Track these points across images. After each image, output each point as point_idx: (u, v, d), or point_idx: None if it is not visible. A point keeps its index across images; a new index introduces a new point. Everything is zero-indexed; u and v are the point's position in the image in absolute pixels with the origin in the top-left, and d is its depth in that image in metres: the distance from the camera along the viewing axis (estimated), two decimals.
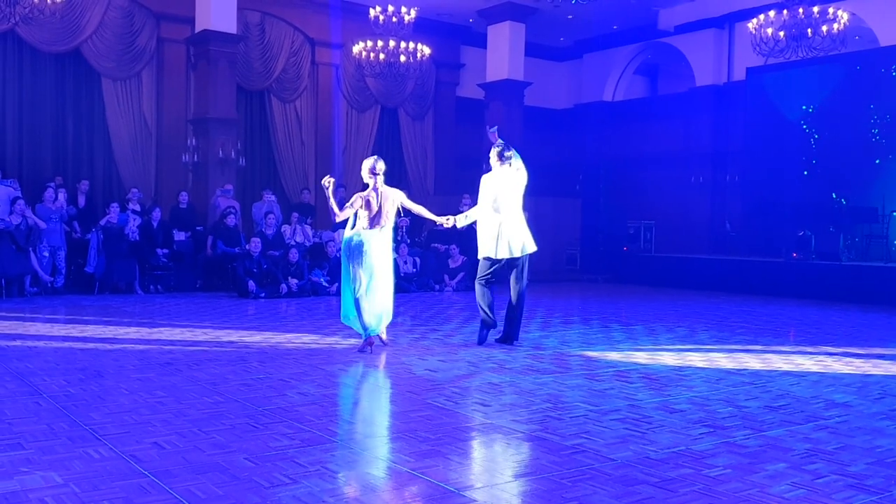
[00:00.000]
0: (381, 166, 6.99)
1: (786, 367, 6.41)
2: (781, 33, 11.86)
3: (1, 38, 12.76)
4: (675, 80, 18.40)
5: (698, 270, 14.71)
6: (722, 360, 6.73)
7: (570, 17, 16.99)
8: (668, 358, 6.78)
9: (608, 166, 18.49)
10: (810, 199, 14.68)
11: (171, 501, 3.12)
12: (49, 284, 10.99)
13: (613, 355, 6.88)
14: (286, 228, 13.09)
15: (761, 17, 12.23)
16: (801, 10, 11.68)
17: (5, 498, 3.10)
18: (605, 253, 16.69)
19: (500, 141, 7.49)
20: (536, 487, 3.38)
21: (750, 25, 12.48)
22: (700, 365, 6.46)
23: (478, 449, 3.91)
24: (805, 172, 14.97)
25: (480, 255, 7.49)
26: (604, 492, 3.34)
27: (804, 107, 15.14)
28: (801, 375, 6.09)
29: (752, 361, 6.67)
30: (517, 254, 7.25)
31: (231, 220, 12.58)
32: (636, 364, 6.47)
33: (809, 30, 11.63)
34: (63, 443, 3.87)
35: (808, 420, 4.65)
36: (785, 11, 11.86)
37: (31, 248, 10.70)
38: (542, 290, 13.56)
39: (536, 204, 15.90)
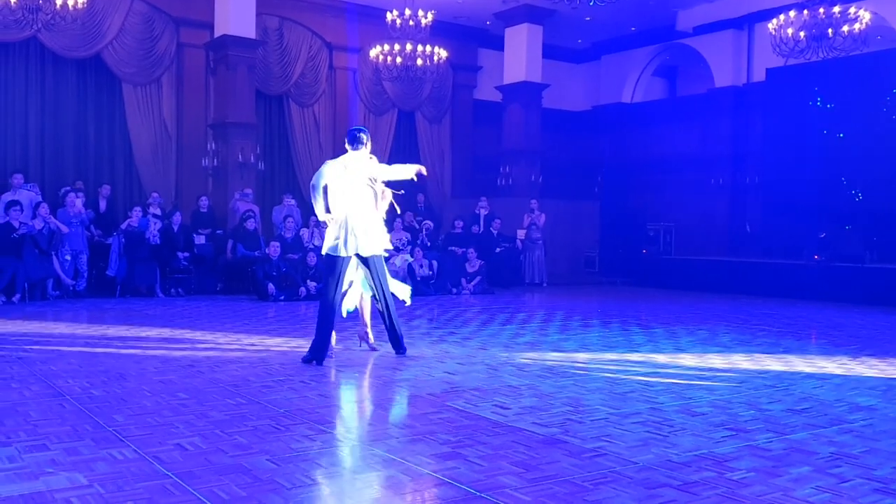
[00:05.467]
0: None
1: (808, 370, 6.35)
2: (802, 34, 11.77)
3: (23, 45, 12.90)
4: (694, 82, 18.31)
5: (718, 273, 14.62)
6: (743, 362, 6.69)
7: (587, 18, 16.95)
8: (689, 360, 6.74)
9: (627, 168, 18.43)
10: (832, 200, 14.55)
11: (195, 502, 3.14)
12: (71, 288, 11.09)
13: (634, 358, 6.85)
14: (305, 232, 13.15)
15: (781, 17, 12.14)
16: (821, 10, 11.58)
17: (32, 498, 3.14)
18: (623, 256, 16.62)
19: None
20: (558, 490, 3.37)
21: (770, 26, 12.39)
22: (721, 367, 6.42)
23: (498, 451, 3.90)
24: (826, 174, 14.84)
25: (323, 252, 6.66)
26: (626, 495, 3.33)
27: (826, 106, 15.01)
28: (824, 378, 6.04)
29: (773, 364, 6.62)
30: (365, 252, 6.46)
31: (251, 224, 12.65)
32: (657, 367, 6.43)
33: (830, 30, 11.53)
34: (87, 444, 3.91)
35: (831, 423, 4.61)
36: (805, 11, 11.77)
37: (53, 252, 10.81)
38: (560, 293, 13.54)
39: (554, 207, 15.91)
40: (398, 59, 14.08)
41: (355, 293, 6.96)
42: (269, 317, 9.61)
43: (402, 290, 7.06)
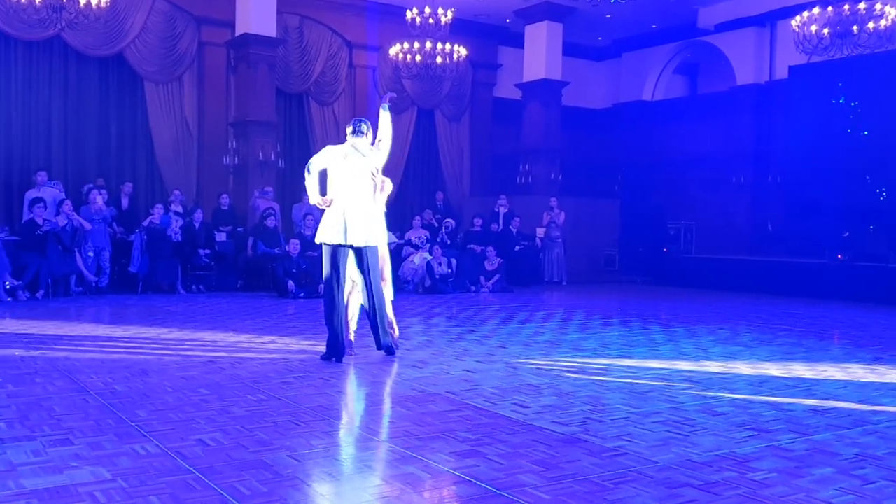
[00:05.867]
0: None
1: (831, 371, 6.29)
2: (826, 31, 11.65)
3: (47, 44, 13.03)
4: (716, 80, 18.17)
5: (739, 272, 14.51)
6: (765, 362, 6.63)
7: (608, 16, 16.87)
8: (709, 360, 6.70)
9: (647, 167, 18.32)
10: (855, 199, 14.38)
11: (216, 497, 3.16)
12: (94, 284, 11.20)
13: (654, 357, 6.82)
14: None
15: (805, 14, 12.03)
16: (846, 7, 11.46)
17: (56, 492, 3.17)
18: (644, 254, 16.52)
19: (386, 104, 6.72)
20: (578, 489, 3.36)
21: (793, 23, 12.28)
22: (743, 367, 6.38)
23: (518, 449, 3.90)
24: (850, 172, 14.67)
25: (317, 240, 6.51)
26: (646, 494, 3.31)
27: (850, 104, 14.85)
28: (848, 379, 5.98)
29: (796, 364, 6.57)
30: (357, 243, 6.24)
31: (271, 222, 12.72)
32: (677, 366, 6.40)
33: (855, 27, 11.41)
34: (110, 439, 3.95)
35: (855, 424, 4.56)
36: (830, 8, 11.65)
37: (76, 249, 10.91)
38: (580, 292, 13.49)
39: (575, 205, 15.85)
40: (418, 58, 14.10)
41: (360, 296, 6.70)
42: (288, 314, 9.65)
43: (388, 291, 6.89)
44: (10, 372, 5.59)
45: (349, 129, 6.49)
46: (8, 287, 10.07)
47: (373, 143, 6.53)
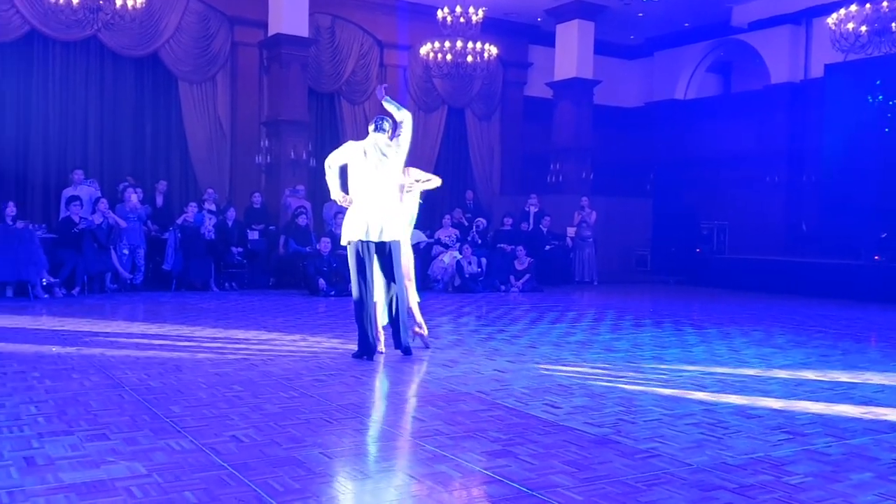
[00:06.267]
0: None
1: (868, 374, 6.19)
2: (863, 28, 11.46)
3: (84, 44, 13.23)
4: (749, 78, 17.96)
5: (773, 273, 14.32)
6: (800, 364, 6.54)
7: (640, 14, 16.75)
8: (743, 362, 6.62)
9: (680, 166, 18.17)
10: (893, 199, 14.14)
11: (250, 493, 3.19)
12: (128, 281, 11.35)
13: (687, 359, 6.76)
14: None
15: (841, 11, 11.83)
16: (884, 4, 11.26)
17: (94, 486, 3.22)
18: (676, 254, 16.37)
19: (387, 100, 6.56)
20: (610, 490, 3.34)
21: (829, 21, 12.10)
22: (777, 369, 6.29)
23: (549, 450, 3.88)
24: (887, 172, 14.42)
25: (342, 241, 6.53)
26: (679, 496, 3.29)
27: (888, 103, 14.59)
28: (886, 383, 5.88)
29: (831, 366, 6.47)
30: (378, 238, 6.25)
31: (302, 220, 12.80)
32: (710, 367, 6.33)
33: (894, 24, 11.20)
34: (146, 434, 4.00)
35: (894, 429, 4.48)
36: (867, 5, 11.45)
37: (111, 247, 11.07)
38: (611, 292, 13.41)
39: (606, 204, 15.76)
40: (448, 57, 14.10)
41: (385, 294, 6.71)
42: (319, 311, 9.70)
43: (413, 292, 6.91)
44: (48, 367, 5.68)
45: (371, 126, 6.50)
46: (45, 284, 10.24)
47: (392, 138, 6.48)
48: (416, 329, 7.01)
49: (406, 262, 6.74)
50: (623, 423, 4.44)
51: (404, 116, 6.52)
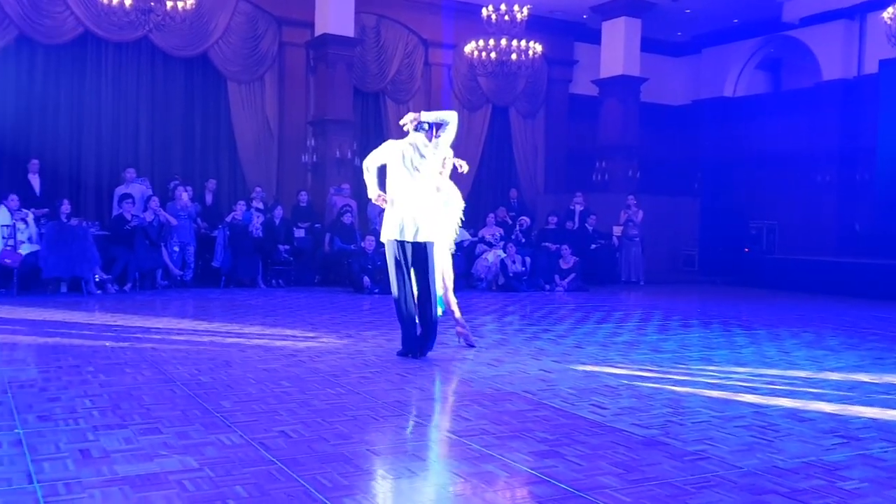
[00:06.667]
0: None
1: None
2: None
3: (136, 45, 13.49)
4: (800, 75, 17.61)
5: (825, 274, 14.02)
6: (853, 367, 6.40)
7: (687, 11, 16.54)
8: (794, 364, 6.50)
9: (728, 164, 17.90)
10: None
11: (299, 489, 3.23)
12: (179, 278, 11.56)
13: (736, 360, 6.66)
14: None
15: None
16: None
17: (147, 479, 3.29)
18: (724, 254, 16.13)
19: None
20: (659, 492, 3.31)
21: (884, 15, 11.83)
22: (829, 372, 6.17)
23: (597, 451, 3.86)
24: None
25: (381, 238, 6.51)
26: (730, 500, 3.24)
27: None
28: None
29: (886, 370, 6.31)
30: (413, 238, 6.18)
31: (347, 219, 12.90)
32: (760, 369, 6.23)
33: None
34: (196, 428, 4.07)
35: None
36: None
37: (162, 244, 11.29)
38: (658, 292, 13.27)
39: (653, 203, 15.60)
40: (493, 55, 14.07)
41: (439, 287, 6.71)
42: (364, 309, 9.77)
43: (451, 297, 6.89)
44: (102, 362, 5.82)
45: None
46: (98, 280, 10.48)
47: (430, 138, 6.42)
48: (459, 329, 7.01)
49: (444, 262, 6.73)
50: (671, 425, 4.40)
51: (450, 117, 6.49)
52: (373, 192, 6.45)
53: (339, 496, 3.16)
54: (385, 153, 6.39)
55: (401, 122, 6.49)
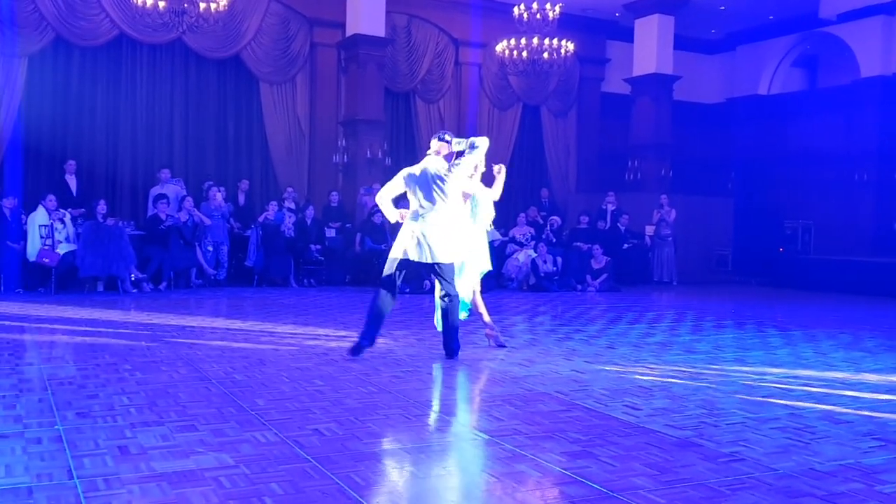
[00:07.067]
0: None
1: None
2: None
3: (169, 47, 13.67)
4: (837, 72, 17.33)
5: (862, 274, 13.79)
6: (891, 369, 6.29)
7: (722, 8, 16.36)
8: (830, 365, 6.41)
9: (762, 163, 17.67)
10: None
11: (333, 486, 3.25)
12: (212, 277, 11.69)
13: (771, 361, 6.58)
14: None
15: None
16: None
17: (184, 475, 3.33)
18: (758, 254, 15.94)
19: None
20: (693, 494, 3.28)
21: None
22: (867, 373, 6.07)
23: (630, 452, 3.84)
24: None
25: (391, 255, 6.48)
26: (765, 502, 3.21)
27: None
28: None
29: None
30: (420, 258, 6.15)
31: (378, 218, 12.92)
32: (796, 370, 6.15)
33: None
34: (232, 426, 4.12)
35: None
36: None
37: (196, 243, 11.42)
38: (691, 293, 13.15)
39: (686, 203, 15.47)
40: (524, 54, 14.02)
41: (467, 287, 6.74)
42: (394, 308, 9.75)
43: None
44: (138, 360, 5.90)
45: (431, 149, 6.27)
46: (133, 279, 10.63)
47: (451, 160, 6.26)
48: (488, 332, 7.00)
49: (474, 274, 6.68)
50: (705, 426, 4.36)
51: (480, 142, 6.38)
52: (393, 215, 6.34)
53: (372, 494, 3.18)
54: (397, 186, 6.26)
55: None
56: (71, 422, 4.13)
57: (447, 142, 6.26)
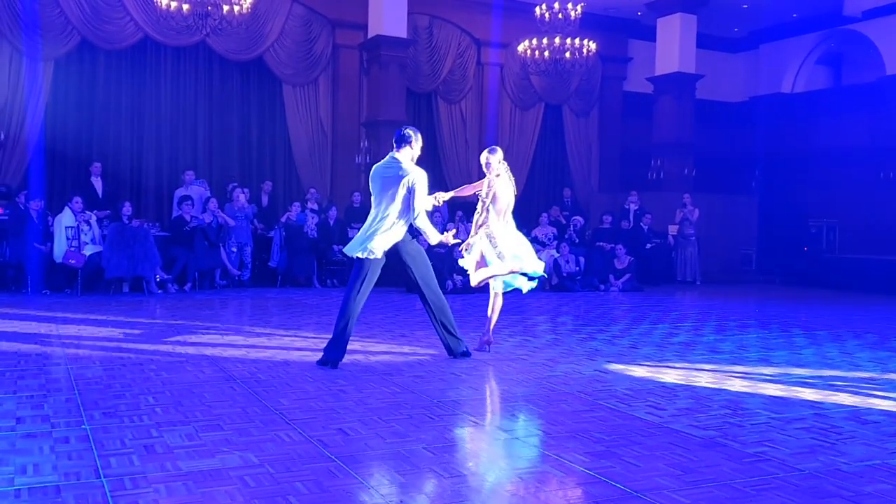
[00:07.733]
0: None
1: None
2: None
3: (193, 49, 13.78)
4: (862, 70, 17.13)
5: (887, 273, 13.62)
6: None
7: (745, 6, 16.23)
8: (856, 365, 6.35)
9: (786, 162, 17.50)
10: None
11: (357, 485, 3.27)
12: (236, 278, 11.77)
13: (795, 361, 6.52)
14: (451, 227, 13.33)
15: None
16: None
17: (210, 474, 3.37)
18: (782, 253, 15.79)
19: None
20: (718, 494, 3.27)
21: None
22: (893, 373, 6.00)
23: (654, 452, 3.82)
24: None
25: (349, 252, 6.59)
26: (791, 502, 3.19)
27: None
28: None
29: None
30: (358, 254, 6.35)
31: None
32: (821, 370, 6.10)
33: None
34: (256, 426, 4.15)
35: None
36: None
37: (221, 244, 11.51)
38: (714, 292, 13.06)
39: (709, 202, 15.37)
40: (546, 53, 13.98)
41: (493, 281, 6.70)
42: (417, 308, 9.75)
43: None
44: (163, 360, 5.97)
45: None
46: (158, 280, 10.73)
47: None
48: (484, 334, 6.80)
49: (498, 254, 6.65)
50: (730, 426, 4.33)
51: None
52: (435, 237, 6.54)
53: (396, 493, 3.20)
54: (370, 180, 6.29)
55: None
56: (98, 421, 4.18)
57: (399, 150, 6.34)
